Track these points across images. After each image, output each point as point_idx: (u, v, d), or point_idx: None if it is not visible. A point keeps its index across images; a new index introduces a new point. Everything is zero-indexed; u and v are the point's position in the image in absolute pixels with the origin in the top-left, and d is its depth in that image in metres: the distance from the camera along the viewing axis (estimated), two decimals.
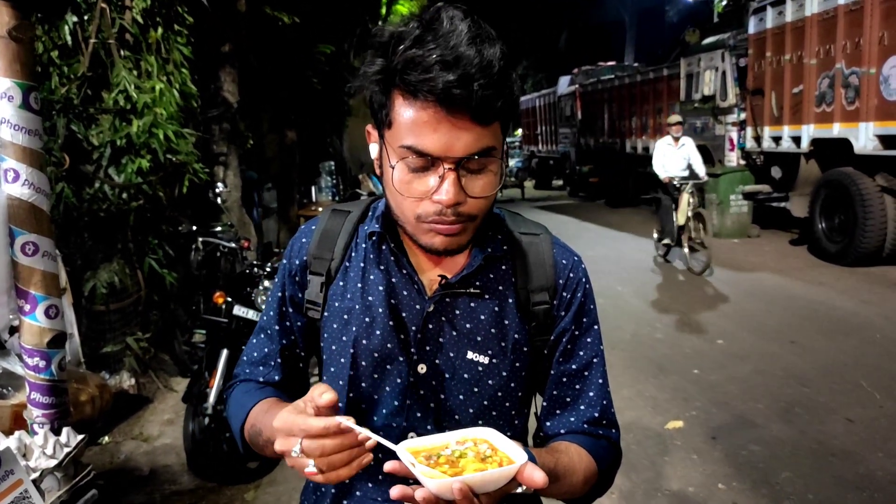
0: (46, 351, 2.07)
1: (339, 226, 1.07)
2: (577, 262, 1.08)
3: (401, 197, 0.92)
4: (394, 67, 0.86)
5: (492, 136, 0.89)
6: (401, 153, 0.89)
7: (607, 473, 1.04)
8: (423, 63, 0.83)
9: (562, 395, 1.06)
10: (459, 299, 1.01)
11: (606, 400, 1.07)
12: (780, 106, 9.36)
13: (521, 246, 1.05)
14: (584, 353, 1.05)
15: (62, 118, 4.15)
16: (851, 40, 7.81)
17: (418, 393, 1.00)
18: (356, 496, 1.03)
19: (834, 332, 5.37)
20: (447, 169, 0.87)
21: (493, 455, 0.80)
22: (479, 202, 0.91)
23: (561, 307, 1.05)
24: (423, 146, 0.86)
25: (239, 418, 1.04)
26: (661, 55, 18.90)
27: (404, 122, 0.88)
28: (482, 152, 0.88)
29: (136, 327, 4.56)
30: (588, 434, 1.04)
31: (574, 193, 19.03)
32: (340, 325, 1.03)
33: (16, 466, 1.33)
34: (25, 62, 1.95)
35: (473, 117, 0.85)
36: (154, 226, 4.70)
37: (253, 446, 1.02)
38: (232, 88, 6.62)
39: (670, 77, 13.31)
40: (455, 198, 0.88)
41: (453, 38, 0.84)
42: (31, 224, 2.00)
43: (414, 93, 0.85)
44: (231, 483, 3.40)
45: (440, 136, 0.86)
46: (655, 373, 4.72)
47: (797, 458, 3.41)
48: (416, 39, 0.85)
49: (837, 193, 7.95)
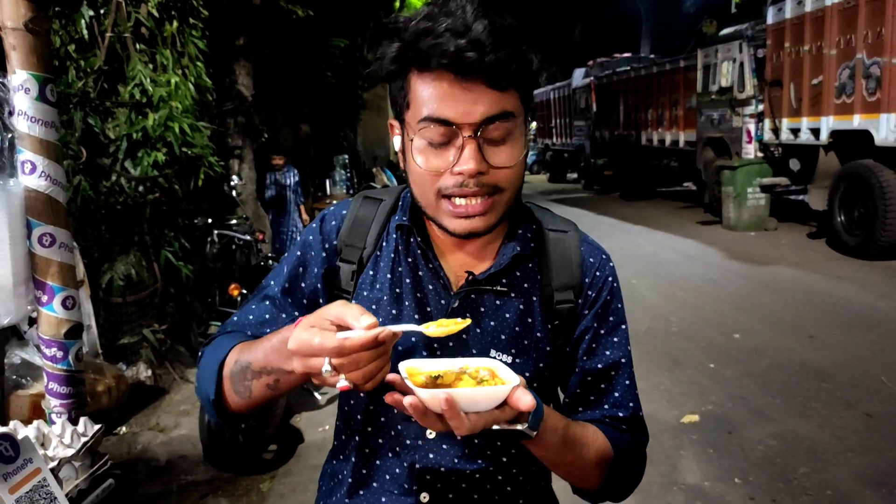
0: (64, 341, 2.08)
1: (372, 214, 1.05)
2: (604, 260, 1.06)
3: (422, 175, 0.91)
4: (407, 42, 0.88)
5: (510, 101, 0.89)
6: (419, 128, 0.89)
7: (626, 468, 1.00)
8: (433, 31, 0.85)
9: (585, 394, 1.04)
10: (485, 297, 1.00)
11: (634, 402, 1.04)
12: (798, 97, 9.23)
13: (549, 243, 1.04)
14: (610, 353, 1.03)
15: (79, 112, 4.18)
16: (873, 30, 7.66)
17: None
18: (372, 487, 1.03)
19: (853, 326, 5.30)
20: (466, 137, 0.87)
21: (490, 380, 0.81)
22: (504, 173, 0.90)
23: (585, 306, 1.03)
24: (441, 114, 0.87)
25: (216, 359, 0.96)
26: (677, 46, 18.67)
27: (421, 96, 0.88)
28: (500, 116, 0.87)
29: (152, 319, 4.60)
30: (611, 426, 1.02)
31: (589, 186, 18.92)
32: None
33: (34, 455, 1.34)
34: (42, 54, 1.96)
35: (488, 82, 0.86)
36: (170, 218, 4.74)
37: (233, 390, 0.93)
38: (247, 82, 6.64)
39: (687, 69, 13.17)
40: (477, 166, 0.87)
41: (462, 12, 0.86)
42: (48, 215, 2.02)
43: (427, 62, 0.86)
44: (247, 473, 3.42)
45: (456, 103, 0.86)
46: (671, 366, 4.68)
47: (815, 453, 3.37)
48: (426, 16, 0.87)
49: (857, 186, 7.83)
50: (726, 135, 11.30)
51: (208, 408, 0.98)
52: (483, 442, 1.01)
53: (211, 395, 0.95)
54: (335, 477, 1.08)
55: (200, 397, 1.00)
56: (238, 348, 0.95)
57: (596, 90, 18.59)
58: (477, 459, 1.01)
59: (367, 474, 1.03)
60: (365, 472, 1.03)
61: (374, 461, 1.02)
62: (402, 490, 1.00)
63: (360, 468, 1.03)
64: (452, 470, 0.99)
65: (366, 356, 0.75)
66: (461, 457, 1.00)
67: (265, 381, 0.88)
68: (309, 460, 3.56)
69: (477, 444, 1.01)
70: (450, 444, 1.00)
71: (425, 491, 0.99)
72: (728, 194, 10.08)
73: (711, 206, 11.31)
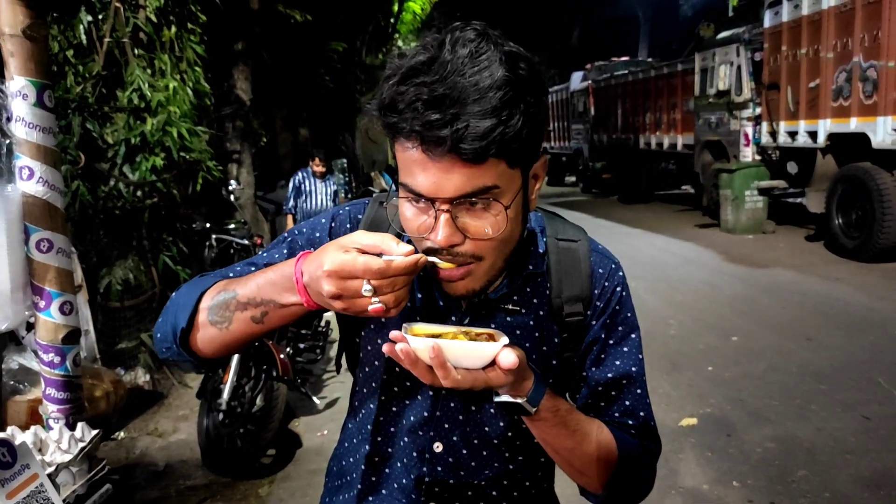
0: (61, 347, 2.08)
1: (387, 224, 1.00)
2: (613, 269, 1.04)
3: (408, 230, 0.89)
4: (380, 105, 0.82)
5: (491, 173, 0.81)
6: (401, 189, 0.86)
7: (632, 472, 0.98)
8: (402, 101, 0.78)
9: (595, 403, 1.02)
10: (496, 314, 0.99)
11: (645, 412, 1.03)
12: (795, 100, 9.25)
13: (560, 254, 1.02)
14: (620, 363, 1.02)
15: (77, 117, 4.19)
16: (869, 33, 7.69)
17: (448, 405, 0.99)
18: (381, 494, 1.04)
19: (851, 328, 5.30)
20: (439, 210, 0.82)
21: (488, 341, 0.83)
22: (482, 243, 0.85)
23: (594, 316, 1.01)
24: (415, 186, 0.82)
25: (196, 289, 0.92)
26: (675, 50, 18.72)
27: (400, 159, 0.85)
28: (478, 192, 0.81)
29: (150, 324, 4.60)
30: (619, 426, 1.00)
31: (587, 190, 18.93)
32: (378, 326, 1.02)
33: (32, 461, 1.35)
34: (40, 60, 1.97)
35: (462, 157, 0.78)
36: (168, 223, 4.75)
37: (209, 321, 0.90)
38: (245, 86, 6.66)
39: (684, 72, 13.19)
40: (448, 240, 0.83)
41: (449, 66, 0.77)
42: (46, 221, 2.02)
43: (398, 130, 0.81)
44: (245, 478, 3.42)
45: (428, 177, 0.81)
46: (669, 370, 4.68)
47: (813, 455, 3.37)
48: (404, 75, 0.79)
49: (855, 189, 7.84)
50: (724, 138, 11.33)
51: (171, 339, 0.93)
52: (491, 453, 1.01)
53: (182, 323, 0.91)
54: (342, 477, 1.09)
55: (163, 332, 0.95)
56: (223, 283, 0.92)
57: (594, 93, 18.61)
58: (484, 471, 1.01)
59: (377, 482, 1.04)
60: (374, 479, 1.04)
61: (384, 470, 1.03)
62: (410, 500, 1.01)
63: (369, 475, 1.04)
64: (459, 484, 1.01)
65: (401, 280, 0.77)
66: (468, 470, 1.00)
67: (250, 314, 0.87)
68: (307, 465, 3.56)
69: (485, 456, 1.01)
70: (457, 457, 1.00)
71: (433, 501, 1.01)
72: (726, 197, 10.10)
73: (709, 209, 11.32)
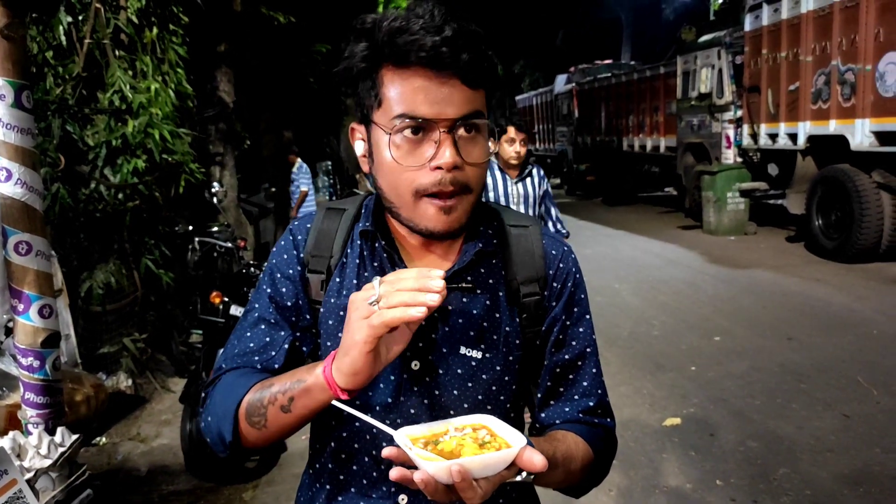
0: (40, 351, 2.05)
1: (336, 224, 1.06)
2: (566, 252, 1.08)
3: (397, 173, 0.92)
4: (381, 41, 0.89)
5: (480, 101, 0.93)
6: (393, 125, 0.90)
7: (603, 462, 1.05)
8: (409, 29, 0.88)
9: (556, 386, 1.06)
10: (451, 295, 1.00)
11: (601, 389, 1.08)
12: (776, 103, 9.37)
13: (511, 238, 1.06)
14: (576, 343, 1.06)
15: (57, 119, 4.14)
16: (847, 37, 7.81)
17: (412, 389, 0.99)
18: (351, 492, 1.03)
19: (831, 328, 5.37)
20: (443, 132, 0.89)
21: (492, 441, 0.81)
22: (474, 171, 0.93)
23: (552, 298, 1.05)
24: (417, 111, 0.89)
25: (234, 397, 0.96)
26: (657, 53, 18.90)
27: (395, 93, 0.90)
28: (474, 114, 0.91)
29: (132, 328, 4.55)
30: (584, 423, 1.05)
31: (571, 192, 19.04)
32: (336, 322, 1.02)
33: (10, 466, 1.33)
34: (17, 61, 1.94)
35: (463, 79, 0.89)
36: (150, 226, 4.70)
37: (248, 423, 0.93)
38: (228, 88, 6.62)
39: (667, 75, 13.32)
40: (454, 159, 0.89)
41: (430, 16, 0.89)
42: (24, 223, 1.99)
43: (403, 57, 0.88)
44: (229, 483, 3.39)
45: (433, 99, 0.89)
46: (653, 370, 4.72)
47: (794, 454, 3.41)
48: (396, 17, 0.90)
49: (834, 190, 7.95)
50: (706, 140, 11.44)
51: (222, 448, 0.98)
52: None
53: (228, 436, 0.95)
54: (313, 486, 1.08)
55: (212, 439, 0.99)
56: (256, 387, 0.96)
57: (578, 96, 18.74)
58: None
59: (345, 480, 1.03)
60: (342, 477, 1.03)
61: (351, 466, 1.02)
62: (380, 493, 1.00)
63: (337, 474, 1.03)
64: None
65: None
66: None
67: (280, 403, 0.89)
68: (292, 469, 3.54)
69: None
70: None
71: (403, 493, 1.00)
72: (708, 199, 10.20)
73: (692, 211, 11.43)
